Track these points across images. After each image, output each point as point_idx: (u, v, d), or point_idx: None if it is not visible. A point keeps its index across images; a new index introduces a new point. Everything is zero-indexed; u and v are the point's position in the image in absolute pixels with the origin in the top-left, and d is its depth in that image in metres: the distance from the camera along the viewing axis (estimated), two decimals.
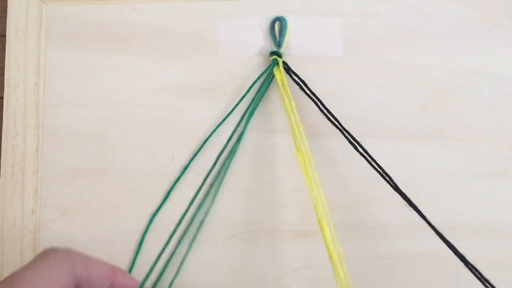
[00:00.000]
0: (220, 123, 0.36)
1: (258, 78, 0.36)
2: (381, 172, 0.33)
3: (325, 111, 0.35)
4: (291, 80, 0.36)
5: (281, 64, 0.36)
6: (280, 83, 0.36)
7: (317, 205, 0.32)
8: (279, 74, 0.36)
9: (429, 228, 0.31)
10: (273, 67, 0.36)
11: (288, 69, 0.36)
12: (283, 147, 0.36)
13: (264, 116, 0.37)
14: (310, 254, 0.35)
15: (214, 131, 0.36)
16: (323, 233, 0.32)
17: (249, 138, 0.36)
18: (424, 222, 0.32)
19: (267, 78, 0.36)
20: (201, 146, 0.36)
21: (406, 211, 0.35)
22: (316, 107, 0.35)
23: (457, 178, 0.35)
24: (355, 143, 0.34)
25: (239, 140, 0.36)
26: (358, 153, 0.34)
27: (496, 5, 0.37)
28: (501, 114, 0.36)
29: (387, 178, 0.33)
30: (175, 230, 0.35)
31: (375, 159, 0.34)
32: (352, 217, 0.35)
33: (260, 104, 0.36)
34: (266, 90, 0.36)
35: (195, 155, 0.36)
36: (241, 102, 0.36)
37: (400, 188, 0.33)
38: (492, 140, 0.36)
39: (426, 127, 0.36)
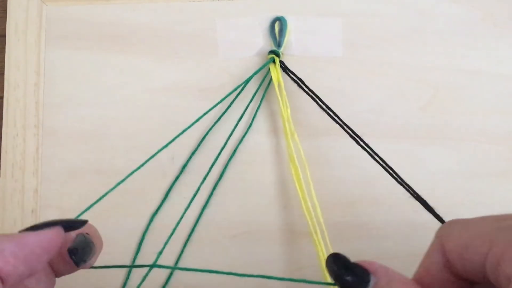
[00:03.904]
0: (216, 121, 0.36)
1: (253, 75, 0.36)
2: (384, 165, 0.33)
3: (324, 107, 0.35)
4: (291, 80, 0.36)
5: (277, 62, 0.36)
6: (276, 83, 0.36)
7: (309, 214, 0.33)
8: (276, 73, 0.36)
9: (430, 228, 0.31)
10: (269, 64, 0.36)
11: (284, 68, 0.36)
12: (284, 147, 0.36)
13: (264, 116, 0.37)
14: (310, 254, 0.35)
15: (210, 129, 0.36)
16: (313, 237, 0.32)
17: (249, 138, 0.36)
18: (424, 222, 0.32)
19: (266, 78, 0.36)
20: (198, 145, 0.36)
21: (407, 211, 0.35)
22: (314, 106, 0.35)
23: (457, 178, 0.35)
24: (356, 137, 0.34)
25: (240, 140, 0.36)
26: (358, 152, 0.34)
27: (496, 5, 0.37)
28: (501, 114, 0.36)
29: (390, 171, 0.33)
30: (174, 230, 0.35)
31: (377, 154, 0.34)
32: (352, 217, 0.35)
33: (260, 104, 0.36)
34: (266, 90, 0.36)
35: (192, 154, 0.36)
36: (241, 102, 0.36)
37: (404, 181, 0.33)
38: (492, 140, 0.36)
39: (426, 127, 0.36)
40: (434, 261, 0.23)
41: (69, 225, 0.25)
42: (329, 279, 0.33)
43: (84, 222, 0.25)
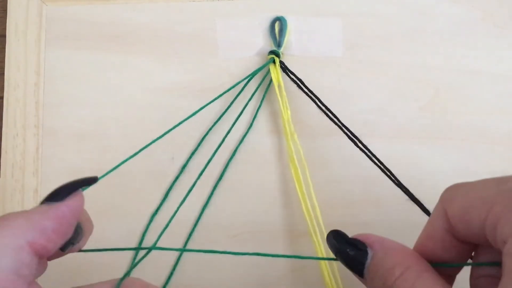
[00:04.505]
0: (216, 121, 0.36)
1: (252, 75, 0.36)
2: (382, 167, 0.33)
3: (323, 108, 0.35)
4: (291, 80, 0.36)
5: (277, 63, 0.36)
6: (276, 84, 0.36)
7: (308, 214, 0.33)
8: (276, 73, 0.36)
9: None
10: (269, 64, 0.36)
11: (285, 68, 0.36)
12: (284, 147, 0.36)
13: (265, 116, 0.37)
14: (310, 254, 0.35)
15: (210, 129, 0.36)
16: (312, 237, 0.33)
17: (249, 138, 0.36)
18: (424, 222, 0.32)
19: (267, 78, 0.36)
20: (198, 145, 0.36)
21: (407, 211, 0.35)
22: (314, 107, 0.35)
23: (457, 178, 0.35)
24: (354, 139, 0.34)
25: (241, 141, 0.36)
26: (358, 153, 0.34)
27: (496, 5, 0.37)
28: (501, 114, 0.36)
29: (388, 173, 0.33)
30: (165, 227, 0.35)
31: (375, 156, 0.34)
32: (351, 217, 0.35)
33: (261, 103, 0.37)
34: (267, 90, 0.36)
35: (192, 153, 0.36)
36: (242, 103, 0.36)
37: (401, 183, 0.33)
38: (492, 140, 0.36)
39: (426, 127, 0.36)
40: (437, 226, 0.24)
41: (85, 185, 0.25)
42: (326, 275, 0.33)
43: (95, 178, 0.25)
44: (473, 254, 0.24)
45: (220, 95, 0.35)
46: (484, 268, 0.23)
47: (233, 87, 0.35)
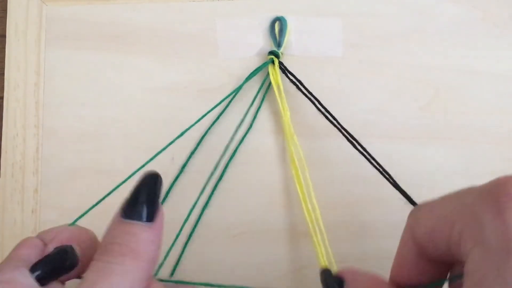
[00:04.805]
0: (214, 121, 0.36)
1: (250, 76, 0.36)
2: (380, 169, 0.33)
3: (322, 109, 0.35)
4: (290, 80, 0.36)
5: (276, 64, 0.36)
6: (275, 85, 0.36)
7: (309, 215, 0.33)
8: (274, 74, 0.36)
9: None
10: (267, 65, 0.36)
11: (284, 69, 0.36)
12: (284, 147, 0.36)
13: (265, 117, 0.37)
14: (310, 254, 0.35)
15: (209, 129, 0.36)
16: (313, 238, 0.33)
17: (249, 138, 0.36)
18: None
19: (267, 79, 0.36)
20: (197, 145, 0.36)
21: (406, 211, 0.35)
22: (314, 107, 0.35)
23: (457, 178, 0.35)
24: (352, 140, 0.34)
25: (241, 141, 0.36)
26: (357, 153, 0.34)
27: (496, 5, 0.37)
28: (501, 114, 0.36)
29: (386, 176, 0.33)
30: (179, 233, 0.35)
31: (374, 158, 0.34)
32: (352, 217, 0.35)
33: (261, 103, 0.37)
34: (267, 91, 0.36)
35: (191, 153, 0.36)
36: (242, 103, 0.36)
37: (400, 187, 0.33)
38: (492, 140, 0.36)
39: (426, 127, 0.36)
40: (408, 251, 0.24)
41: (159, 191, 0.25)
42: None
43: (158, 176, 0.25)
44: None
45: (225, 98, 0.35)
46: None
47: (235, 89, 0.35)
